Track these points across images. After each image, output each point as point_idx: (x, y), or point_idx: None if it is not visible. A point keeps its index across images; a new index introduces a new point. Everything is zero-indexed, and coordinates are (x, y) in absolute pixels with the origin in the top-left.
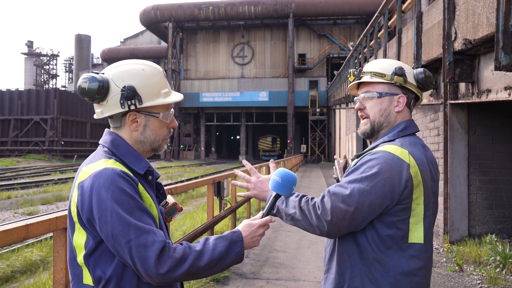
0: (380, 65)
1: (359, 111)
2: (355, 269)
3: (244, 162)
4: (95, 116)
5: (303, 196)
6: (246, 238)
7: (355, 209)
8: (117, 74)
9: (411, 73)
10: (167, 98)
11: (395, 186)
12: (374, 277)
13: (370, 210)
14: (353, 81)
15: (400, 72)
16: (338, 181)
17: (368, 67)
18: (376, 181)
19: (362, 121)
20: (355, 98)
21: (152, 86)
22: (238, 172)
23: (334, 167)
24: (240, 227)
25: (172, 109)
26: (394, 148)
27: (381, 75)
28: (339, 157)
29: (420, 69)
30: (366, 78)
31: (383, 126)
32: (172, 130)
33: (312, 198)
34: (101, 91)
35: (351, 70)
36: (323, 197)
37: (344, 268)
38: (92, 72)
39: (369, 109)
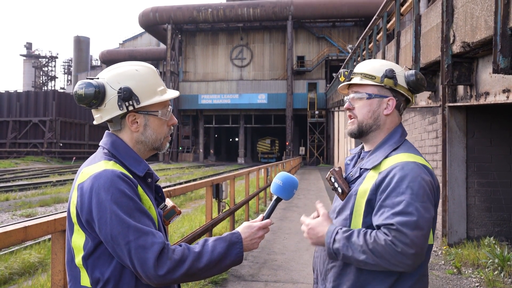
0: (371, 66)
1: (347, 111)
2: (375, 282)
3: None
4: (94, 122)
5: (364, 233)
6: (245, 240)
7: (427, 228)
8: (112, 77)
9: (402, 75)
10: (163, 95)
11: (435, 193)
12: (392, 285)
13: (433, 222)
14: (343, 81)
15: (390, 75)
16: (343, 191)
17: (359, 68)
18: (427, 194)
19: (349, 121)
20: (345, 98)
21: (148, 85)
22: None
23: (331, 177)
24: (239, 228)
25: (170, 106)
26: (414, 157)
27: (372, 77)
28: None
29: (411, 72)
30: (356, 80)
31: (372, 128)
32: (172, 127)
33: (376, 233)
34: (98, 96)
35: (342, 70)
36: (389, 232)
37: (364, 284)
38: (88, 78)
39: (357, 110)
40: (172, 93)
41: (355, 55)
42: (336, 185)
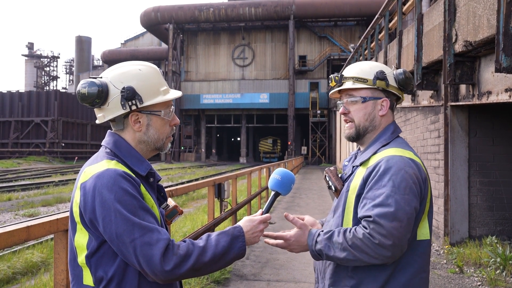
0: (361, 69)
1: (343, 116)
2: (372, 278)
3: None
4: (97, 121)
5: (344, 231)
6: (247, 234)
7: (407, 220)
8: (115, 76)
9: (392, 75)
10: (166, 95)
11: (421, 187)
12: (387, 281)
13: (415, 215)
14: (334, 86)
15: (381, 76)
16: (336, 189)
17: (348, 71)
18: (409, 187)
19: (346, 125)
20: (338, 102)
21: (151, 85)
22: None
23: (326, 176)
24: (241, 222)
25: (173, 106)
26: (402, 151)
27: (364, 80)
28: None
29: (400, 70)
30: (348, 85)
31: (369, 130)
32: (174, 127)
33: (356, 228)
34: (101, 95)
35: (332, 75)
36: (368, 225)
37: (361, 279)
38: (91, 77)
39: (353, 114)
40: (175, 93)
41: (357, 55)
42: (330, 183)
